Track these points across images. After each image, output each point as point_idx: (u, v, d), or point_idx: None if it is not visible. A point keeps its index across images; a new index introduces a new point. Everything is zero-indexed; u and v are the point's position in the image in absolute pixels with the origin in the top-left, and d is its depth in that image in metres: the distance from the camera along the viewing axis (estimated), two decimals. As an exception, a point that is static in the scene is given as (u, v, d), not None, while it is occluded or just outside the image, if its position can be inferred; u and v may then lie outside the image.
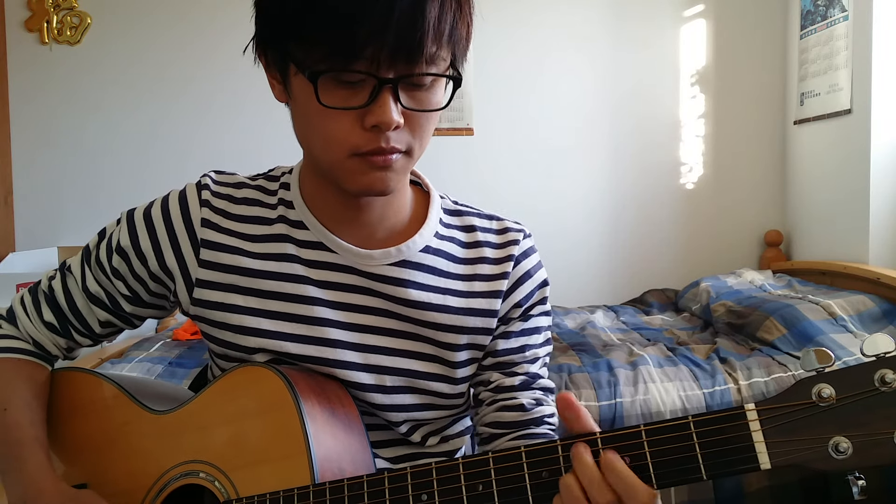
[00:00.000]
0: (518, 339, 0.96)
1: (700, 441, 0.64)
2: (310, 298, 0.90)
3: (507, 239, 0.97)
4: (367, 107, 0.76)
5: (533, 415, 0.93)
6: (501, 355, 0.95)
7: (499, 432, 0.93)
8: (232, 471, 0.84)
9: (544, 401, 0.95)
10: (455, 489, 0.72)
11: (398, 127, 0.78)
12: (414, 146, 0.81)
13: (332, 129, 0.78)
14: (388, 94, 0.75)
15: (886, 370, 0.58)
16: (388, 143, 0.78)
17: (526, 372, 0.95)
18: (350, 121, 0.77)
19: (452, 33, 0.78)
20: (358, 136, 0.78)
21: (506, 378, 0.94)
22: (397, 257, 0.91)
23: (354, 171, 0.80)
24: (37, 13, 3.06)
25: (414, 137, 0.81)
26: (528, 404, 0.93)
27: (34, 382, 0.97)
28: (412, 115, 0.79)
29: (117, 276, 0.95)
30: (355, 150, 0.78)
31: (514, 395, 0.94)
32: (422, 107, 0.79)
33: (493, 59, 3.21)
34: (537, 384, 0.96)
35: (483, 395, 0.96)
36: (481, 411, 0.96)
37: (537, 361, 0.97)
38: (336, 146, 0.79)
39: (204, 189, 0.94)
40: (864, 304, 2.34)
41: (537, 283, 0.97)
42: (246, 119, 3.09)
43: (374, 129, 0.77)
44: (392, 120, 0.76)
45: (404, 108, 0.78)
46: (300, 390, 0.83)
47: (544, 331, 0.99)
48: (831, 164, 2.92)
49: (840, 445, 0.59)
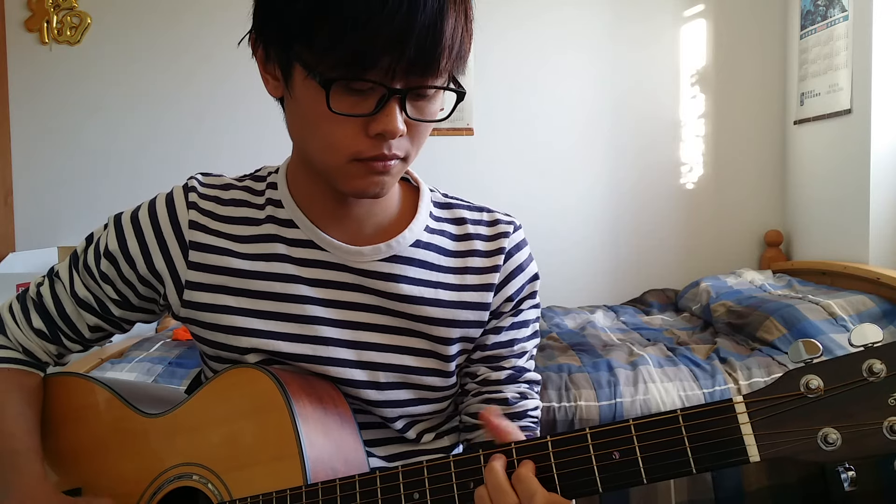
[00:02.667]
0: (508, 332, 0.96)
1: (689, 434, 0.64)
2: (301, 297, 0.90)
3: (497, 231, 0.97)
4: (373, 115, 0.76)
5: (516, 409, 0.94)
6: (490, 349, 0.96)
7: (481, 423, 0.94)
8: (225, 473, 0.84)
9: (528, 394, 0.97)
10: (446, 487, 0.73)
11: (402, 135, 0.78)
12: (411, 153, 0.83)
13: (335, 134, 0.78)
14: (395, 104, 0.76)
15: (874, 360, 0.58)
16: (391, 150, 0.79)
17: (513, 366, 0.96)
18: (354, 127, 0.78)
19: (461, 48, 0.78)
20: (361, 142, 0.78)
21: (492, 372, 0.95)
22: (387, 253, 0.91)
23: (353, 175, 0.81)
24: (37, 13, 3.07)
25: (412, 145, 0.82)
26: (512, 398, 0.94)
27: (26, 391, 0.96)
28: (413, 125, 0.80)
29: (106, 280, 0.94)
30: (357, 155, 0.79)
31: (499, 388, 0.95)
32: (425, 117, 0.80)
33: (494, 59, 3.21)
34: (523, 377, 0.97)
35: (469, 386, 0.97)
36: (466, 400, 0.97)
37: (524, 355, 0.98)
38: (338, 151, 0.79)
39: (191, 191, 0.93)
40: (864, 304, 2.33)
41: (528, 276, 0.97)
42: (245, 119, 3.10)
43: (378, 137, 0.78)
44: (398, 129, 0.77)
45: (408, 118, 0.78)
46: (291, 391, 0.83)
47: (532, 323, 0.99)
48: (831, 164, 2.92)
49: (829, 437, 0.59)
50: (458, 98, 0.82)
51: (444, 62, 0.76)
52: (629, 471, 0.66)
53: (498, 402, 0.94)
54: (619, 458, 0.67)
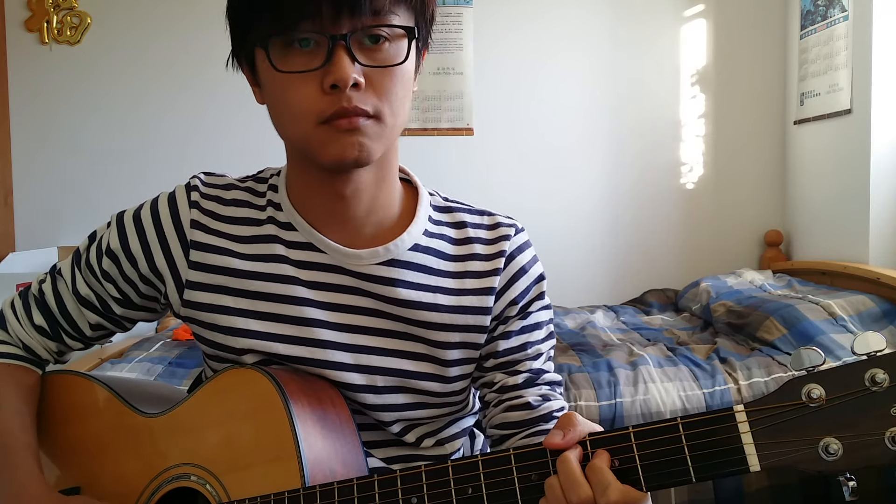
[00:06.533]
0: (518, 337, 0.94)
1: (689, 443, 0.63)
2: (299, 299, 0.90)
3: (497, 234, 0.96)
4: (324, 67, 0.77)
5: (541, 412, 0.91)
6: (503, 355, 0.94)
7: (508, 433, 0.92)
8: (223, 474, 0.84)
9: (551, 395, 0.94)
10: (445, 493, 0.72)
11: (358, 85, 0.78)
12: (382, 109, 0.80)
13: (295, 99, 0.79)
14: (342, 52, 0.77)
15: (877, 370, 0.58)
16: (350, 102, 0.78)
17: (529, 369, 0.93)
18: (311, 88, 0.78)
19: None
20: (321, 100, 0.78)
21: (509, 377, 0.93)
22: (385, 256, 0.90)
23: (324, 141, 0.80)
24: (37, 13, 3.07)
25: (380, 100, 0.80)
26: (534, 402, 0.92)
27: (24, 388, 0.96)
28: (373, 75, 0.79)
29: (107, 278, 0.95)
30: (320, 116, 0.79)
31: (519, 393, 0.92)
32: (379, 63, 0.80)
33: (494, 58, 3.21)
34: (542, 379, 0.94)
35: (489, 396, 0.95)
36: (489, 413, 0.95)
37: (540, 357, 0.95)
38: (302, 117, 0.80)
39: (193, 190, 0.94)
40: (864, 304, 2.33)
41: (533, 278, 0.96)
42: (245, 119, 3.08)
43: (335, 91, 0.77)
44: (348, 75, 0.76)
45: (363, 66, 0.78)
46: (290, 392, 0.83)
47: (545, 325, 0.97)
48: (831, 164, 2.91)
49: (830, 447, 0.58)
50: (409, 37, 0.81)
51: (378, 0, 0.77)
52: (629, 480, 0.66)
53: (519, 408, 0.91)
54: (617, 466, 0.67)
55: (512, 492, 0.70)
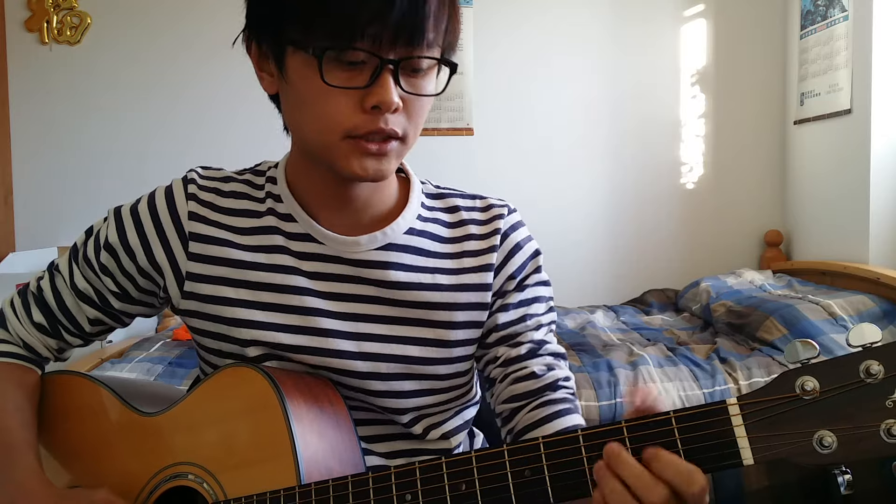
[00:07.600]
0: (517, 310, 0.95)
1: (682, 437, 0.63)
2: (300, 289, 0.90)
3: (491, 214, 0.97)
4: (368, 87, 0.78)
5: (546, 380, 0.91)
6: (503, 328, 0.94)
7: (517, 405, 0.92)
8: (220, 472, 0.84)
9: (556, 365, 0.93)
10: (438, 489, 0.72)
11: (397, 109, 0.79)
12: (409, 132, 0.83)
13: (330, 109, 0.79)
14: (388, 76, 0.78)
15: (872, 361, 0.57)
16: (388, 124, 0.79)
17: (531, 339, 0.93)
18: (350, 102, 0.79)
19: (448, 23, 0.81)
20: (357, 117, 0.79)
21: (511, 349, 0.93)
22: (383, 241, 0.91)
23: (347, 155, 0.81)
24: (37, 13, 3.07)
25: (410, 123, 0.82)
26: (539, 371, 0.91)
27: (24, 386, 0.96)
28: (409, 101, 0.81)
29: (105, 272, 0.95)
30: (352, 131, 0.79)
31: (523, 364, 0.92)
32: (419, 91, 0.81)
33: (494, 58, 3.21)
34: (544, 350, 0.94)
35: (494, 372, 0.95)
36: (495, 390, 0.95)
37: (542, 328, 0.95)
38: (332, 127, 0.80)
39: (190, 183, 0.94)
40: (864, 304, 2.33)
41: (529, 253, 0.96)
42: (246, 119, 3.09)
43: (375, 111, 0.78)
44: (393, 100, 0.77)
45: (403, 92, 0.79)
46: (286, 390, 0.83)
47: (545, 300, 0.97)
48: (831, 164, 2.91)
49: (825, 439, 0.58)
50: (451, 70, 0.83)
51: (431, 34, 0.78)
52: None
53: (525, 378, 0.91)
54: None
55: (505, 487, 0.69)
